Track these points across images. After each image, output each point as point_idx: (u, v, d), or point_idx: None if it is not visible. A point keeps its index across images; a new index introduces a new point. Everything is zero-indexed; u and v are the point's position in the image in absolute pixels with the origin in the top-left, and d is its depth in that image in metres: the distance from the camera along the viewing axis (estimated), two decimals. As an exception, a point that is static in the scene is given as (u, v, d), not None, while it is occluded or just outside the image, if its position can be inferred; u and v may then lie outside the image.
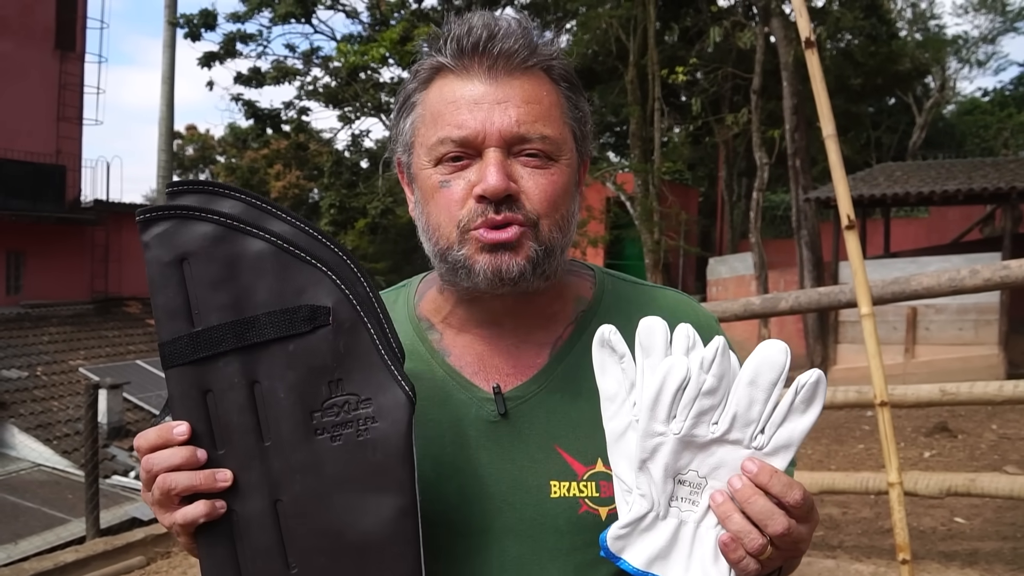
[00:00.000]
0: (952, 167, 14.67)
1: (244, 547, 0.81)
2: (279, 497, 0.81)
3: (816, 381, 0.79)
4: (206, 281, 0.80)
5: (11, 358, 13.25)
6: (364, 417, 0.81)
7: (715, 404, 0.81)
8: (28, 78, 16.02)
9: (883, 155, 25.03)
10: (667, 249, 17.00)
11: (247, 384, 0.81)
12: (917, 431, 8.59)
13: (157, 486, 0.80)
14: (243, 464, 0.81)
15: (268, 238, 0.81)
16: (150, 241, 0.81)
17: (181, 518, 0.80)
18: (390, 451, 0.80)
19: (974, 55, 27.37)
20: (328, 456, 0.80)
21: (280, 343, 0.80)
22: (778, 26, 13.39)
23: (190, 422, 0.81)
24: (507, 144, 0.91)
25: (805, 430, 0.80)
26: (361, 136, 23.16)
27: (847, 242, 2.83)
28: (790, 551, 0.82)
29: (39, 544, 8.38)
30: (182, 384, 0.81)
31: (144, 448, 0.82)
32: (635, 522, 0.83)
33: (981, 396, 3.62)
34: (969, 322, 11.94)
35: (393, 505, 0.80)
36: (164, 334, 0.81)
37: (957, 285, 3.20)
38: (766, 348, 0.80)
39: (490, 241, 0.91)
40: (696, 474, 0.82)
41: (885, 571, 4.39)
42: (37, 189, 15.77)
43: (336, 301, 0.81)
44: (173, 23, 21.14)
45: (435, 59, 0.95)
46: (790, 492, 0.79)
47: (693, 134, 19.28)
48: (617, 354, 0.86)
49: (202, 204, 0.81)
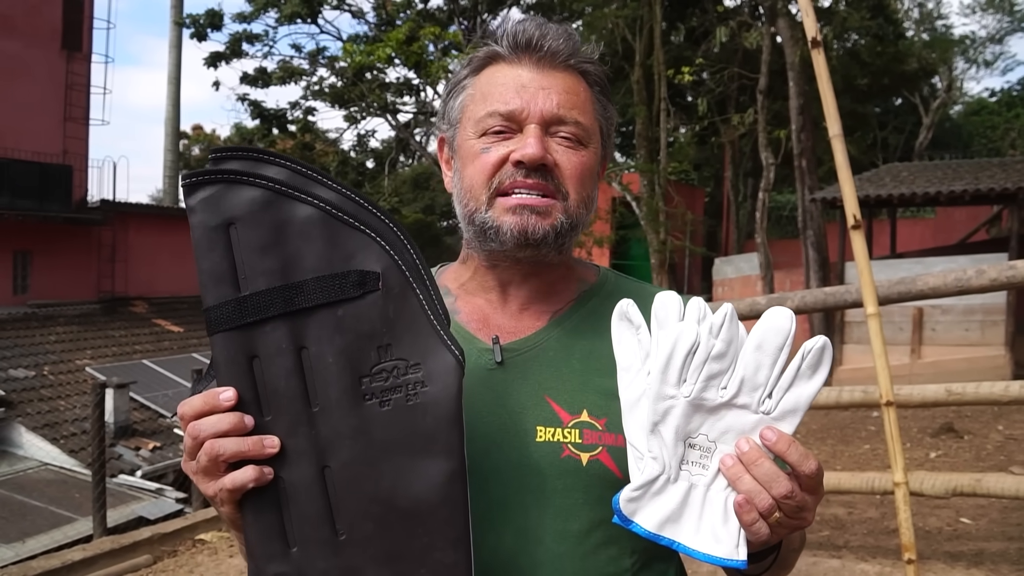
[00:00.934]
0: (959, 167, 14.63)
1: (291, 514, 0.80)
2: (327, 463, 0.80)
3: (822, 347, 0.81)
4: (254, 246, 0.80)
5: (18, 357, 13.29)
6: (413, 382, 0.80)
7: (724, 369, 0.83)
8: (35, 78, 16.07)
9: (889, 155, 24.97)
10: (673, 249, 16.99)
11: (295, 349, 0.80)
12: (923, 432, 8.58)
13: (204, 452, 0.80)
14: (291, 430, 0.80)
15: (316, 203, 0.80)
16: (195, 205, 0.81)
17: (230, 483, 0.80)
18: (440, 415, 0.80)
19: (981, 55, 27.30)
20: (377, 421, 0.80)
21: (328, 308, 0.80)
22: (784, 26, 13.38)
23: (236, 388, 0.80)
24: (546, 123, 1.01)
25: (812, 395, 0.82)
26: (367, 136, 23.23)
27: (853, 242, 2.82)
28: (795, 519, 0.85)
29: (46, 543, 8.40)
30: (228, 349, 0.80)
31: (189, 415, 0.82)
32: (647, 484, 0.85)
33: (987, 396, 3.62)
34: (975, 323, 11.91)
35: (443, 469, 0.80)
36: (209, 299, 0.80)
37: (963, 285, 3.20)
38: (772, 314, 0.81)
39: (517, 204, 1.00)
40: (706, 438, 0.85)
41: (891, 571, 4.39)
42: (44, 189, 15.80)
43: (385, 267, 0.81)
44: (179, 23, 21.22)
45: (491, 48, 1.06)
46: (805, 463, 0.82)
47: (699, 134, 19.26)
48: (634, 326, 0.89)
49: (248, 169, 0.81)
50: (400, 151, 21.94)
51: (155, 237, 18.07)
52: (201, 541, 6.25)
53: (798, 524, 0.86)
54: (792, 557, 1.03)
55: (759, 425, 0.83)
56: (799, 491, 0.83)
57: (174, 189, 23.80)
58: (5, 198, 15.04)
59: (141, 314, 17.40)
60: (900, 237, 17.39)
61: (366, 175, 22.72)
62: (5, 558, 7.18)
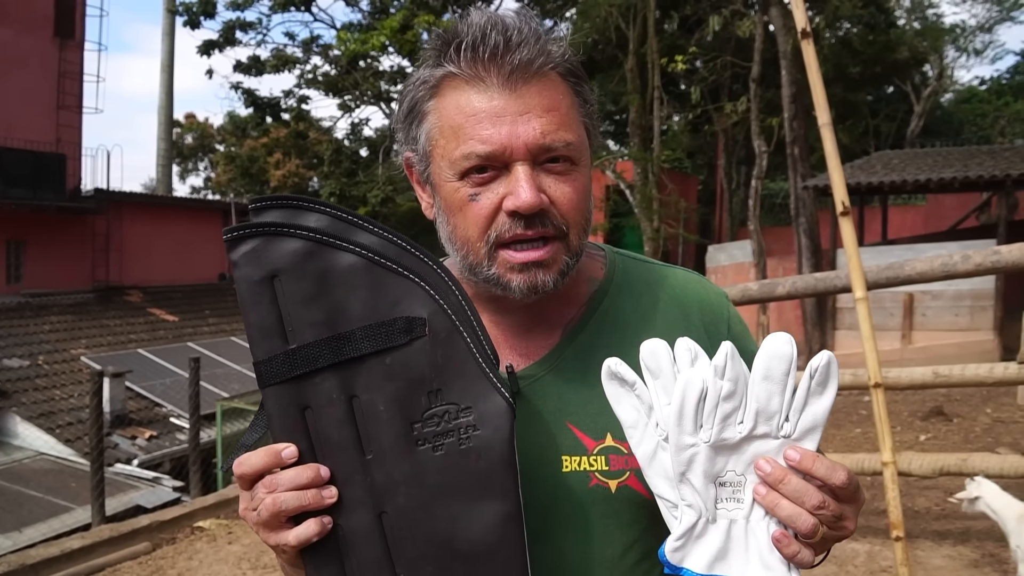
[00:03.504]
0: (949, 155, 14.70)
1: (352, 561, 0.82)
2: (384, 509, 0.81)
3: (827, 363, 0.83)
4: (299, 298, 0.81)
5: (12, 347, 13.26)
6: (465, 426, 0.81)
7: (736, 406, 0.83)
8: (28, 66, 15.98)
9: (881, 143, 25.03)
10: (666, 237, 17.04)
11: (346, 399, 0.81)
12: (913, 415, 8.68)
13: (266, 507, 0.80)
14: (346, 479, 0.81)
15: (358, 251, 0.81)
16: (239, 260, 0.82)
17: (295, 539, 0.81)
18: (493, 458, 0.81)
19: (972, 44, 27.36)
20: (431, 466, 0.81)
21: (377, 356, 0.81)
22: (777, 15, 13.40)
23: (292, 440, 0.81)
24: (533, 156, 0.91)
25: (827, 410, 0.84)
26: (361, 124, 23.19)
27: (842, 228, 2.88)
28: (835, 529, 0.84)
29: (44, 531, 8.42)
30: (281, 402, 0.81)
31: (249, 473, 0.82)
32: (688, 532, 0.85)
33: (973, 378, 3.69)
34: (965, 308, 12.02)
35: (498, 512, 0.81)
36: (259, 353, 0.82)
37: (949, 270, 3.26)
38: (772, 342, 0.83)
39: (522, 262, 0.93)
40: (734, 473, 0.85)
41: (880, 549, 4.47)
42: (37, 178, 15.73)
43: (431, 312, 0.81)
44: (172, 11, 21.12)
45: (446, 69, 0.93)
46: (834, 474, 0.81)
47: (692, 122, 19.29)
48: (628, 383, 0.88)
49: (288, 219, 0.82)
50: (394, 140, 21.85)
51: (149, 226, 18.02)
52: (200, 528, 6.30)
53: (840, 535, 0.86)
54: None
55: (782, 448, 0.84)
56: (834, 502, 0.82)
57: (167, 178, 23.72)
58: (-2, 187, 14.99)
59: (136, 303, 17.38)
60: (891, 224, 17.47)
61: (360, 164, 22.67)
62: (4, 547, 7.21)
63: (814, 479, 0.82)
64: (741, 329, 1.10)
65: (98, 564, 5.50)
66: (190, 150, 36.05)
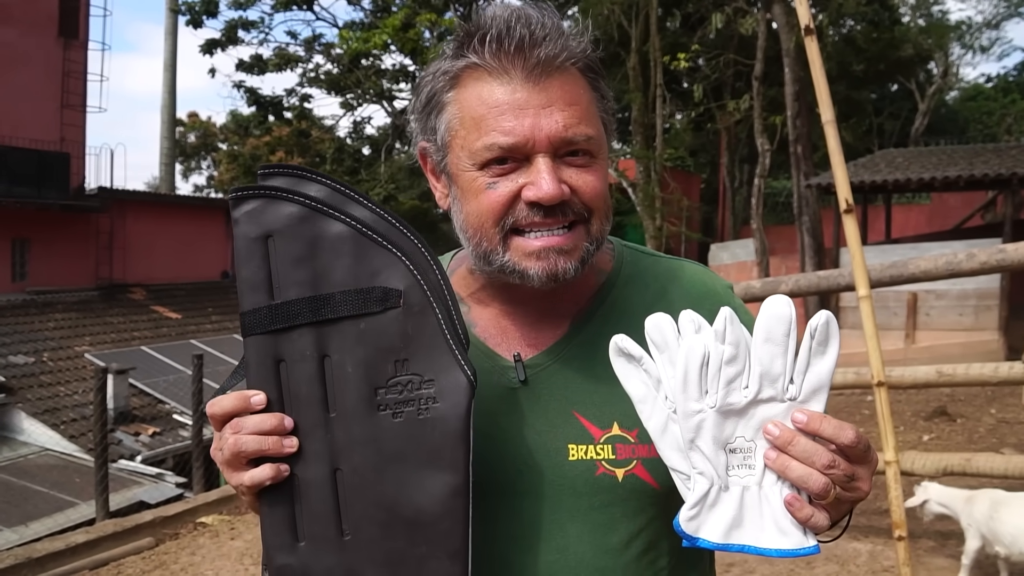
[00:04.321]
0: (953, 153, 14.67)
1: (303, 510, 0.86)
2: (339, 466, 0.85)
3: (826, 321, 0.84)
4: (288, 258, 0.85)
5: (17, 344, 13.30)
6: (426, 397, 0.84)
7: (739, 370, 0.84)
8: (32, 66, 16.00)
9: (885, 141, 25.00)
10: (669, 235, 17.03)
11: (318, 357, 0.85)
12: (917, 415, 8.67)
13: (228, 447, 0.85)
14: (308, 432, 0.85)
15: (349, 221, 0.85)
16: (240, 217, 0.86)
17: (248, 480, 0.85)
18: (448, 431, 0.84)
19: (977, 41, 27.32)
20: (388, 431, 0.84)
21: (352, 321, 0.85)
22: (780, 12, 13.37)
23: (263, 389, 0.86)
24: (555, 149, 0.93)
25: (831, 369, 0.84)
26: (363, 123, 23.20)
27: (845, 226, 2.88)
28: (850, 491, 0.84)
29: (50, 526, 8.45)
30: (259, 352, 0.86)
31: (219, 413, 0.86)
32: (701, 500, 0.85)
33: (977, 377, 3.69)
34: (969, 308, 11.99)
35: (446, 483, 0.84)
36: (245, 304, 0.86)
37: (954, 268, 3.25)
38: (770, 304, 0.84)
39: (540, 247, 0.94)
40: (744, 439, 0.85)
41: (882, 549, 4.47)
42: (41, 176, 15.76)
43: (408, 285, 0.85)
44: (175, 10, 21.13)
45: (470, 60, 0.94)
46: (842, 433, 0.82)
47: (695, 121, 19.27)
48: (635, 358, 0.89)
49: (290, 186, 0.86)
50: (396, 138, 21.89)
51: (152, 224, 18.03)
52: (202, 524, 6.31)
53: (855, 496, 0.86)
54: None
55: (790, 411, 0.84)
56: (844, 462, 0.82)
57: (171, 176, 23.74)
58: (3, 186, 15.00)
59: (139, 301, 17.40)
60: (895, 223, 17.45)
61: (362, 162, 22.68)
62: (10, 540, 7.24)
63: (823, 439, 0.82)
64: (747, 319, 1.09)
65: (102, 559, 5.52)
66: (193, 149, 36.07)
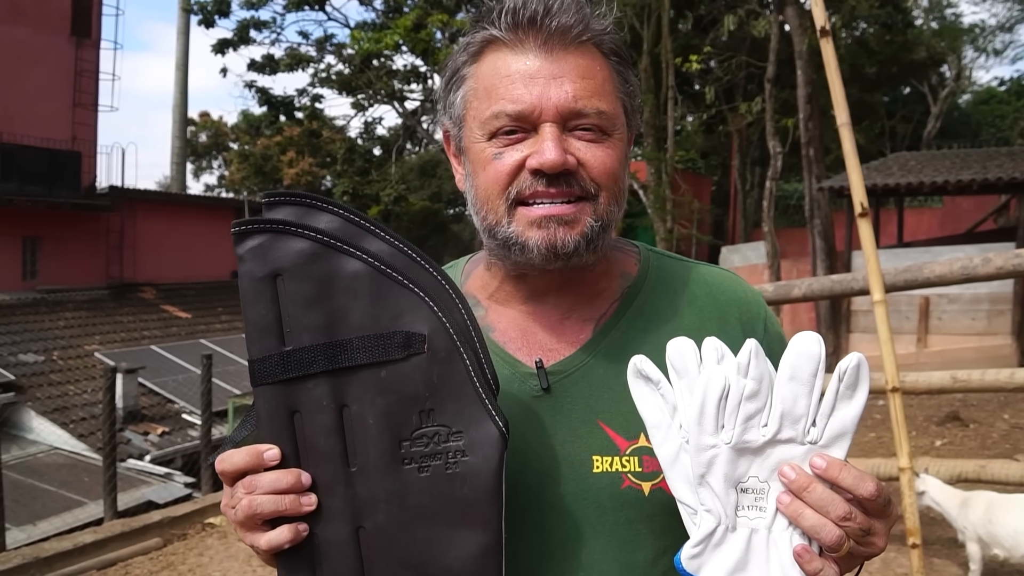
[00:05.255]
0: (967, 157, 14.57)
1: (324, 572, 0.80)
2: (362, 524, 0.80)
3: (857, 365, 0.79)
4: (300, 299, 0.79)
5: (28, 343, 13.36)
6: (454, 450, 0.79)
7: (760, 407, 0.80)
8: (44, 65, 16.09)
9: (898, 144, 24.89)
10: (680, 238, 16.98)
11: (336, 408, 0.79)
12: (929, 420, 8.60)
13: (242, 508, 0.79)
14: (328, 489, 0.80)
15: (365, 258, 0.79)
16: (244, 255, 0.80)
17: (266, 544, 0.80)
18: (479, 487, 0.79)
19: (991, 44, 27.15)
20: (415, 487, 0.79)
21: (372, 368, 0.79)
22: (793, 14, 13.31)
23: (277, 443, 0.80)
24: (563, 119, 0.90)
25: (857, 415, 0.79)
26: (374, 123, 23.26)
27: (860, 229, 2.84)
28: (863, 545, 0.80)
29: (58, 525, 8.47)
30: (270, 403, 0.80)
31: (230, 471, 0.81)
32: (706, 538, 0.81)
33: (992, 383, 3.64)
34: (982, 312, 11.91)
35: (478, 542, 0.79)
36: (254, 351, 0.80)
37: (969, 273, 3.21)
38: (800, 341, 0.79)
39: (541, 216, 0.91)
40: (757, 479, 0.81)
41: (895, 556, 4.42)
42: (53, 175, 15.85)
43: (432, 329, 0.79)
44: (187, 10, 21.20)
45: (488, 32, 0.93)
46: (862, 484, 0.77)
47: (706, 123, 19.24)
48: (653, 382, 0.85)
49: (298, 218, 0.80)
50: (407, 138, 21.93)
51: (163, 223, 18.11)
52: (211, 524, 6.31)
53: (869, 552, 0.81)
54: None
55: (808, 455, 0.79)
56: (861, 515, 0.78)
57: (181, 176, 23.83)
58: (14, 184, 15.09)
59: (149, 300, 17.46)
60: (907, 226, 17.37)
61: (373, 162, 22.72)
62: (18, 540, 7.25)
63: (841, 489, 0.78)
64: (778, 330, 1.06)
65: (110, 559, 5.54)
66: (204, 148, 36.18)
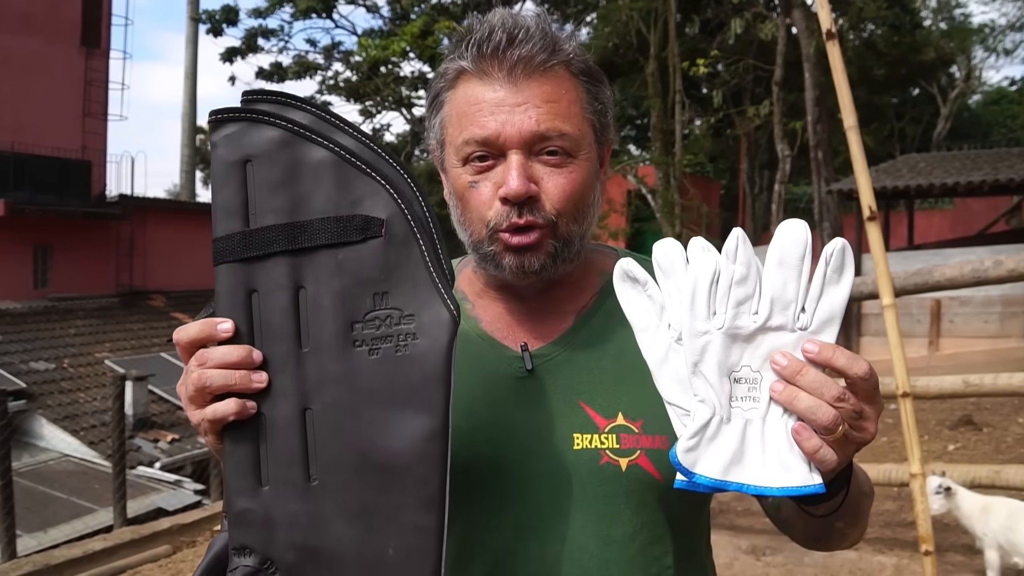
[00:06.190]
0: (977, 158, 14.50)
1: (268, 451, 0.80)
2: (309, 405, 0.79)
3: (842, 248, 0.79)
4: (266, 183, 0.80)
5: (39, 350, 13.43)
6: (405, 333, 0.79)
7: (750, 293, 0.80)
8: (54, 75, 16.20)
9: (907, 146, 24.78)
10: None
11: (292, 288, 0.80)
12: (941, 424, 8.54)
13: (192, 381, 0.80)
14: (278, 368, 0.80)
15: (331, 147, 0.80)
16: (218, 141, 0.82)
17: (211, 415, 0.80)
18: (427, 369, 0.79)
19: (1001, 44, 27.03)
20: (364, 369, 0.79)
21: (330, 250, 0.80)
22: (799, 17, 13.29)
23: (233, 319, 0.80)
24: (527, 145, 0.96)
25: (844, 299, 0.80)
26: (382, 130, 23.19)
27: (868, 233, 2.82)
28: (857, 430, 0.80)
29: (68, 532, 8.50)
30: (230, 281, 0.81)
31: (184, 341, 0.82)
32: (701, 430, 0.80)
33: (1005, 388, 3.61)
34: (994, 314, 11.83)
35: (423, 426, 0.78)
36: (219, 230, 0.81)
37: (980, 276, 3.18)
38: (786, 227, 0.79)
39: (514, 245, 0.97)
40: (750, 368, 0.81)
41: (908, 563, 4.38)
42: (63, 184, 15.97)
43: (391, 214, 0.80)
44: (196, 19, 21.34)
45: (458, 64, 0.99)
46: (855, 365, 0.79)
47: (714, 126, 19.21)
48: (640, 283, 0.86)
49: (275, 111, 0.81)
50: (415, 145, 21.96)
51: (173, 231, 18.18)
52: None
53: (861, 437, 0.81)
54: (864, 502, 0.99)
55: (799, 342, 0.80)
56: (853, 396, 0.79)
57: (191, 184, 23.93)
58: (26, 193, 15.20)
59: (159, 308, 17.53)
60: (918, 229, 17.29)
61: (381, 169, 22.70)
62: (29, 547, 7.27)
63: (834, 370, 0.79)
64: None
65: (119, 566, 5.53)
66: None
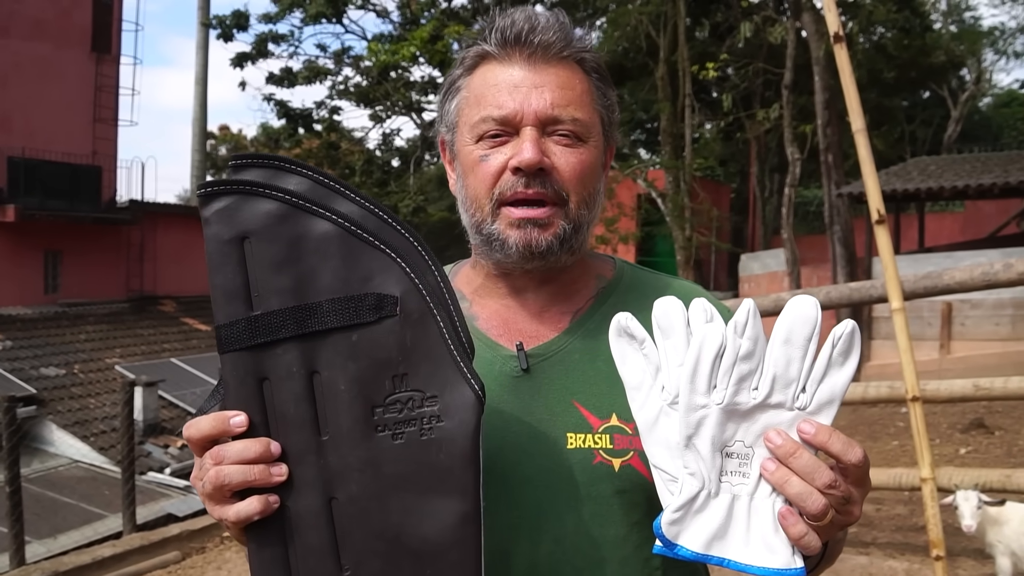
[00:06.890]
0: (988, 160, 14.42)
1: (296, 546, 0.77)
2: (334, 495, 0.77)
3: (851, 331, 0.77)
4: (267, 262, 0.76)
5: (49, 356, 13.49)
6: (429, 415, 0.76)
7: (753, 369, 0.78)
8: (65, 80, 16.30)
9: (918, 149, 24.67)
10: (698, 246, 16.91)
11: (306, 374, 0.76)
12: (953, 428, 8.48)
13: (209, 479, 0.77)
14: (298, 458, 0.77)
15: (335, 219, 0.76)
16: (210, 217, 0.78)
17: (235, 516, 0.77)
18: (455, 452, 0.76)
19: (1011, 46, 26.85)
20: (388, 455, 0.76)
21: (343, 332, 0.76)
22: (809, 20, 13.25)
23: (245, 411, 0.77)
24: (542, 124, 0.99)
25: (846, 383, 0.78)
26: (392, 135, 23.20)
27: (877, 237, 2.80)
28: (843, 513, 0.80)
29: (77, 539, 8.52)
30: (238, 370, 0.77)
31: (197, 437, 0.79)
32: (688, 503, 0.79)
33: (1016, 391, 3.58)
34: (1006, 317, 11.74)
35: (455, 510, 0.76)
36: (221, 317, 0.77)
37: (990, 279, 3.16)
38: (797, 304, 0.78)
39: (519, 218, 0.99)
40: (743, 444, 0.79)
41: (919, 568, 4.35)
42: (74, 189, 16.05)
43: (404, 290, 0.76)
44: (206, 24, 21.40)
45: (480, 47, 1.04)
46: (850, 451, 0.77)
47: (724, 130, 19.14)
48: (637, 340, 0.83)
49: (266, 179, 0.77)
50: (425, 149, 21.97)
51: (183, 236, 18.26)
52: (230, 538, 6.31)
53: (846, 520, 0.81)
54: (838, 548, 0.99)
55: (795, 421, 0.78)
56: (844, 483, 0.78)
57: (201, 189, 23.95)
58: (36, 198, 15.28)
59: (169, 313, 17.59)
60: (928, 231, 17.20)
61: (391, 174, 22.77)
62: (38, 553, 7.29)
63: (829, 455, 0.78)
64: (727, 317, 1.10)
65: (129, 572, 5.55)
66: (224, 161, 36.34)
